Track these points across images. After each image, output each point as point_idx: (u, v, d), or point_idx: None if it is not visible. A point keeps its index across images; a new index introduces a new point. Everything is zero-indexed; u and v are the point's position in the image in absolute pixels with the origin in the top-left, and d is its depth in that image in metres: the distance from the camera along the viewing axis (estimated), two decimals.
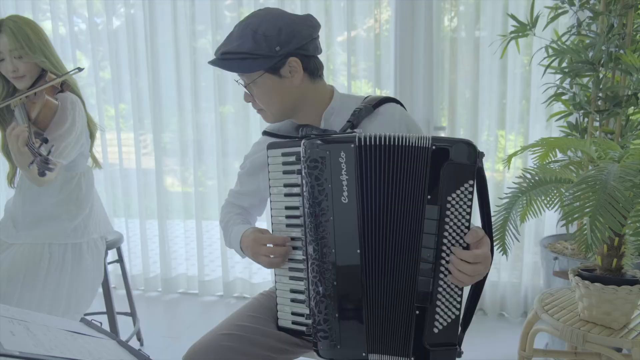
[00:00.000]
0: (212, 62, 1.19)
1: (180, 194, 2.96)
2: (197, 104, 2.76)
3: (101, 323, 1.25)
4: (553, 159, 1.70)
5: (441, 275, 0.98)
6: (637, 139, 1.82)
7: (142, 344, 2.33)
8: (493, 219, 1.47)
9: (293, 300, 1.16)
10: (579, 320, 1.46)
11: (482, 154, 0.97)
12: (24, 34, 1.57)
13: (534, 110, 2.36)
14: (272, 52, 1.13)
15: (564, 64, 1.94)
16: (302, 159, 1.03)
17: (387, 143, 0.99)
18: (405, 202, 0.99)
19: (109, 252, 1.97)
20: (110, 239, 1.93)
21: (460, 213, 0.95)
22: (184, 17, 2.70)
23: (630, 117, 1.88)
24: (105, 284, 1.95)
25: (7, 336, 0.95)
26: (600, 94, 1.83)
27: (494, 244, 1.46)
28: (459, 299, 0.99)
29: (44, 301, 1.65)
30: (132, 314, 2.25)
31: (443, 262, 0.97)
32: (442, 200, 0.95)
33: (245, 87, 1.21)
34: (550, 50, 1.97)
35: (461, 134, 2.49)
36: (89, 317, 1.25)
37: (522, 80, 2.37)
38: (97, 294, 1.86)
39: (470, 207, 0.95)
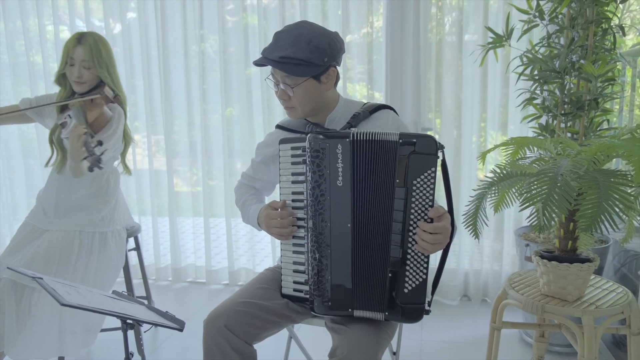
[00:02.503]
0: (262, 62, 1.37)
1: (189, 193, 3.20)
2: (204, 106, 2.99)
3: (131, 293, 1.50)
4: (524, 156, 1.93)
5: (409, 245, 1.22)
6: (598, 138, 2.05)
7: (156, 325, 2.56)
8: (467, 208, 1.72)
9: (295, 271, 1.39)
10: (540, 295, 1.69)
11: (442, 147, 1.20)
12: (97, 50, 1.85)
13: (512, 113, 2.60)
14: (322, 62, 1.36)
15: (535, 72, 2.17)
16: (307, 149, 1.27)
17: (371, 138, 1.24)
18: (381, 185, 1.23)
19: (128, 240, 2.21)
20: (130, 228, 2.17)
21: (424, 194, 1.19)
22: (192, 20, 2.90)
23: (594, 119, 2.11)
24: (126, 269, 2.19)
25: (65, 294, 1.20)
26: (565, 99, 2.07)
27: (468, 229, 1.71)
28: (425, 265, 1.23)
29: (75, 281, 1.89)
30: (148, 297, 2.48)
31: (410, 233, 1.21)
32: (408, 184, 1.19)
33: (290, 88, 1.38)
34: (524, 59, 2.21)
35: (446, 135, 2.72)
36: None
37: (501, 85, 2.61)
38: (117, 279, 2.11)
39: (432, 189, 1.19)
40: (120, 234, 2.06)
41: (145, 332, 2.23)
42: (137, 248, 2.40)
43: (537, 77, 2.12)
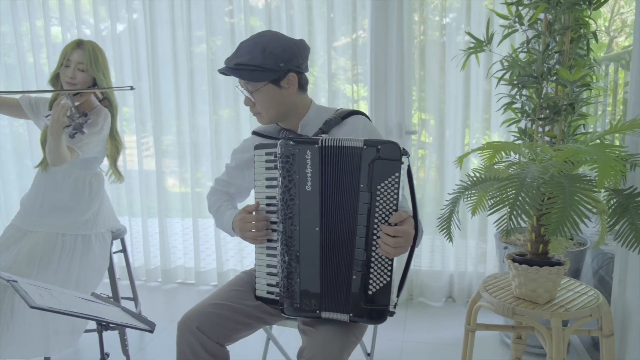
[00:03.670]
0: (224, 71, 1.43)
1: (178, 194, 3.24)
2: (193, 108, 3.02)
3: (108, 296, 1.53)
4: (501, 160, 1.96)
5: (373, 248, 1.25)
6: (576, 142, 2.07)
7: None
8: (442, 211, 1.75)
9: (268, 274, 1.42)
10: (512, 297, 1.71)
11: (405, 152, 1.23)
12: (95, 55, 1.93)
13: (494, 117, 2.62)
14: (277, 67, 1.39)
15: (515, 77, 2.19)
16: (278, 155, 1.30)
17: (337, 144, 1.27)
18: (347, 190, 1.27)
19: (114, 242, 2.24)
20: (115, 230, 2.20)
21: (388, 199, 1.22)
22: (181, 23, 2.94)
23: (572, 124, 2.14)
24: (111, 271, 2.22)
25: (37, 297, 1.24)
26: (543, 104, 2.09)
27: (443, 233, 1.75)
28: (389, 268, 1.26)
29: (56, 283, 1.92)
30: (134, 298, 2.52)
31: (374, 237, 1.24)
32: (373, 189, 1.23)
33: (250, 93, 1.45)
34: (505, 64, 2.23)
35: (431, 137, 2.75)
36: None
37: (484, 90, 2.63)
38: (103, 281, 2.14)
39: (397, 194, 1.22)
40: (105, 236, 2.09)
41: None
42: (124, 250, 2.44)
43: (515, 82, 2.14)
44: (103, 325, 1.31)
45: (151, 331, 1.31)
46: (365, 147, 1.24)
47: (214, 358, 1.39)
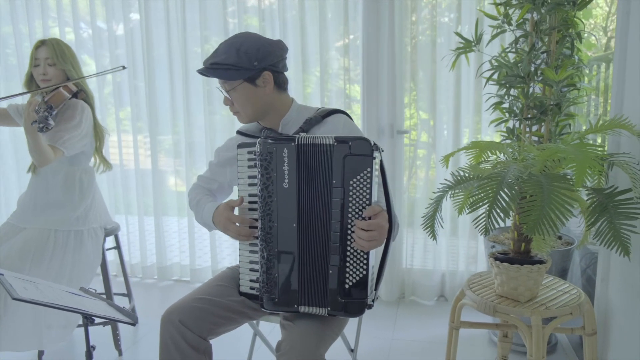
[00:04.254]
0: (201, 71, 1.47)
1: (174, 192, 3.28)
2: (188, 108, 3.06)
3: (96, 290, 1.56)
4: (487, 159, 1.97)
5: (348, 242, 1.28)
6: (562, 142, 2.09)
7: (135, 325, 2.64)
8: (426, 210, 1.77)
9: (251, 270, 1.45)
10: (494, 295, 1.73)
11: (377, 147, 1.26)
12: (60, 49, 2.01)
13: (485, 116, 2.64)
14: (251, 66, 1.43)
15: (502, 77, 2.21)
16: (256, 153, 1.33)
17: (311, 142, 1.30)
18: (322, 186, 1.29)
19: (108, 239, 2.28)
20: (108, 227, 2.24)
21: (361, 193, 1.25)
22: (176, 24, 2.97)
23: (559, 124, 2.15)
24: (104, 267, 2.26)
25: (21, 289, 1.27)
26: (530, 104, 2.11)
27: (427, 231, 1.77)
28: (365, 262, 1.28)
29: (48, 278, 1.96)
30: (128, 294, 2.55)
31: (349, 231, 1.27)
32: (345, 184, 1.25)
33: (227, 92, 1.49)
34: (494, 63, 2.25)
35: (422, 136, 2.77)
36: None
37: (475, 89, 2.65)
38: (96, 277, 2.18)
39: (369, 188, 1.24)
40: (97, 232, 2.13)
41: (104, 326, 2.31)
42: (118, 247, 2.47)
43: (503, 82, 2.16)
44: (88, 319, 1.34)
45: (133, 324, 1.34)
46: (336, 143, 1.26)
47: (196, 351, 1.41)
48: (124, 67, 2.02)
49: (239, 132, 1.63)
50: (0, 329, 1.85)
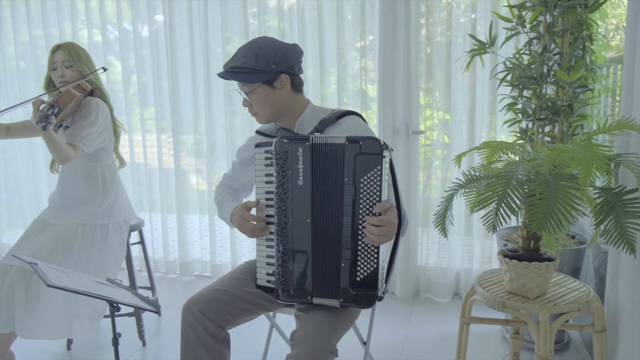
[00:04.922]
0: (221, 74, 1.56)
1: (196, 191, 3.39)
2: (210, 108, 3.16)
3: (121, 281, 1.66)
4: (499, 159, 2.01)
5: (359, 237, 1.34)
6: (572, 143, 2.11)
7: (159, 314, 2.75)
8: (437, 208, 1.83)
9: (268, 264, 1.53)
10: (504, 291, 1.78)
11: (387, 147, 1.32)
12: (75, 51, 2.13)
13: (499, 117, 2.67)
14: (269, 69, 1.51)
15: (515, 78, 2.24)
16: (273, 153, 1.41)
17: (324, 142, 1.37)
18: (334, 184, 1.36)
19: (133, 234, 2.39)
20: (132, 223, 2.35)
21: (371, 191, 1.31)
22: (198, 25, 3.06)
23: (572, 124, 2.18)
24: (129, 261, 2.37)
25: (53, 278, 1.38)
26: (542, 105, 2.14)
27: (438, 229, 1.82)
28: (375, 255, 1.35)
29: (78, 270, 2.08)
30: (152, 287, 2.66)
31: (360, 227, 1.34)
32: (356, 182, 1.32)
33: (246, 94, 1.57)
34: (508, 64, 2.28)
35: (440, 137, 2.81)
36: None
37: (490, 90, 2.68)
38: (122, 272, 2.29)
39: (379, 185, 1.31)
40: (121, 226, 2.24)
41: (129, 317, 2.42)
42: (142, 242, 2.58)
43: (516, 83, 2.19)
44: (114, 307, 1.43)
45: (157, 312, 1.43)
46: (348, 143, 1.33)
47: (215, 340, 1.50)
48: (104, 69, 2.17)
49: (258, 132, 1.71)
50: (34, 319, 1.96)
